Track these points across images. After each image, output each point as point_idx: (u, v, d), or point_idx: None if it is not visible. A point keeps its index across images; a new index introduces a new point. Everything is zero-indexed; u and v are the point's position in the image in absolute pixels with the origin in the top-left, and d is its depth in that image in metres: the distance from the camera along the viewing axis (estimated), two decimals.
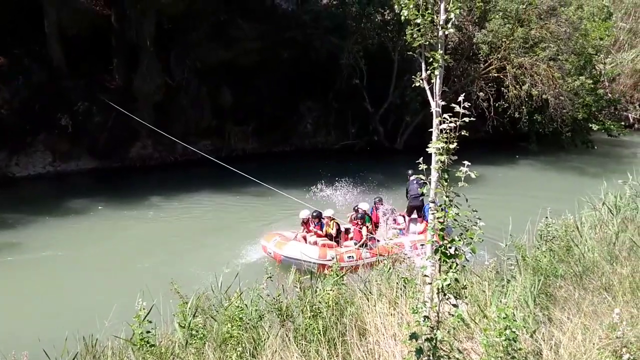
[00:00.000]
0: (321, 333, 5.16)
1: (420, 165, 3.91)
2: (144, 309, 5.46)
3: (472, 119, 3.57)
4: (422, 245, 11.22)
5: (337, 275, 6.24)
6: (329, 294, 5.79)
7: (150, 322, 5.45)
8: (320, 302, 5.75)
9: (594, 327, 4.64)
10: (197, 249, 12.92)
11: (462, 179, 3.46)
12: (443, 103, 3.88)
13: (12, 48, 20.33)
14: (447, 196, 3.38)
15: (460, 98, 3.54)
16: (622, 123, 31.58)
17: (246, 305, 5.82)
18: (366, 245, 11.52)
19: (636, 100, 36.24)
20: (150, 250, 13.04)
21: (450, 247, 3.35)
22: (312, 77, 24.92)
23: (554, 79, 24.00)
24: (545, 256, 6.51)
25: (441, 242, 3.39)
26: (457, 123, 3.50)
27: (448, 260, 3.33)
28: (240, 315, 5.60)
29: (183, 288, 6.35)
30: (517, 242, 7.30)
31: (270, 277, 6.32)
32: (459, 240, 3.39)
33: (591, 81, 25.88)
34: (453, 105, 3.58)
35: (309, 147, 26.63)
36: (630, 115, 35.75)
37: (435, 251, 3.41)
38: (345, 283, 6.25)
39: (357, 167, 22.25)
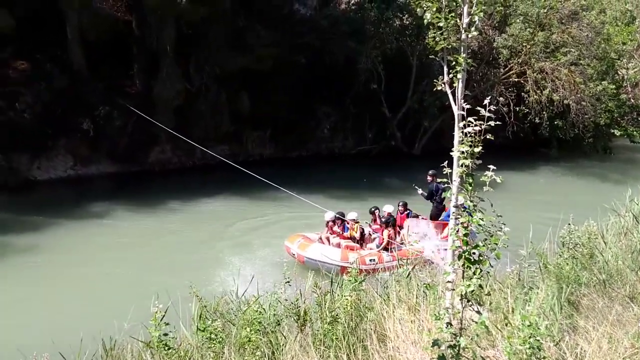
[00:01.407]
0: (340, 339, 5.12)
1: (444, 169, 3.88)
2: (160, 311, 5.46)
3: (497, 122, 3.52)
4: (445, 249, 11.23)
5: (356, 281, 6.19)
6: (347, 299, 5.75)
7: (168, 324, 5.44)
8: (338, 307, 5.71)
9: (619, 337, 4.53)
10: (216, 253, 12.99)
11: (487, 183, 3.41)
12: (468, 106, 3.81)
13: (34, 53, 20.65)
14: (471, 201, 3.33)
15: (486, 101, 3.49)
16: None
17: (264, 310, 5.80)
18: (388, 249, 11.56)
19: None
20: (169, 253, 13.11)
21: (474, 253, 3.30)
22: (330, 82, 24.90)
23: (575, 84, 23.72)
24: (567, 264, 6.39)
25: (465, 248, 3.33)
26: (483, 127, 3.45)
27: (472, 266, 3.27)
28: (259, 320, 5.58)
29: (202, 292, 6.36)
30: (538, 249, 7.18)
31: (289, 282, 6.30)
32: (483, 245, 3.33)
33: (614, 86, 25.51)
34: (478, 108, 3.53)
35: (325, 151, 26.58)
36: None
37: (459, 257, 3.36)
38: (364, 289, 6.21)
39: (374, 172, 22.22)
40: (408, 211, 13.01)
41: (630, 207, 9.00)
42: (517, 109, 24.70)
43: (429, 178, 12.97)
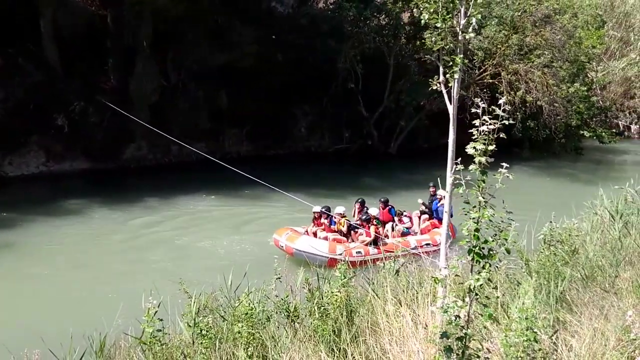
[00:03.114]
0: (331, 334, 5.18)
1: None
2: (154, 307, 5.45)
3: (511, 122, 3.62)
4: (428, 244, 11.56)
5: (345, 277, 6.25)
6: (337, 295, 5.81)
7: (161, 320, 5.44)
8: (329, 303, 5.76)
9: (605, 330, 4.69)
10: (200, 250, 12.94)
11: (499, 181, 3.53)
12: (482, 105, 3.89)
13: (7, 47, 20.17)
14: (482, 197, 3.42)
15: (501, 101, 3.60)
16: (613, 130, 31.92)
17: (254, 306, 5.82)
18: (374, 243, 11.80)
19: (626, 108, 36.66)
20: (148, 251, 12.98)
21: (483, 248, 3.40)
22: (308, 81, 24.89)
23: (548, 85, 24.21)
24: (549, 260, 6.56)
25: (474, 243, 3.43)
26: (497, 125, 3.54)
27: (481, 261, 3.37)
28: (250, 315, 5.59)
29: (189, 288, 6.33)
30: (517, 246, 7.34)
31: (279, 278, 6.33)
32: (493, 241, 3.43)
33: (585, 88, 26.13)
34: (493, 108, 3.64)
35: (302, 150, 26.59)
36: (620, 122, 36.17)
37: (469, 251, 3.46)
38: (353, 285, 6.27)
39: (352, 171, 22.38)
40: (389, 207, 13.23)
41: (605, 205, 9.27)
42: (491, 109, 25.05)
43: (432, 189, 13.80)
